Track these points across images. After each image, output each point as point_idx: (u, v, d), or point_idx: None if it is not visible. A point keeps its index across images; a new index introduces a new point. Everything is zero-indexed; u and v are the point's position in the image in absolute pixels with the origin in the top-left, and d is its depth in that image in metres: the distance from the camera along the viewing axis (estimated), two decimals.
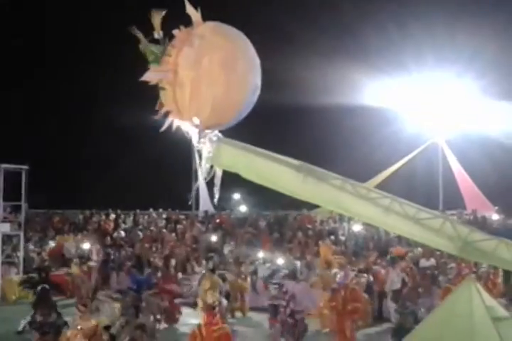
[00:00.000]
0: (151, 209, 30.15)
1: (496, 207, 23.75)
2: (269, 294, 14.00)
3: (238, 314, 17.62)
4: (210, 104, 4.73)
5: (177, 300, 17.10)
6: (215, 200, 5.20)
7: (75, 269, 20.64)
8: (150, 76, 4.84)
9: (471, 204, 24.69)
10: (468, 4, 25.68)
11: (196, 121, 4.83)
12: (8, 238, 22.21)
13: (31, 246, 24.20)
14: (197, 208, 31.17)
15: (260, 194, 19.26)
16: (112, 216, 28.81)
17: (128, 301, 12.82)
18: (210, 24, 4.91)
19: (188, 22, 4.95)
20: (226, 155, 4.97)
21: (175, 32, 4.81)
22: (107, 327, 10.06)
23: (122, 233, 26.07)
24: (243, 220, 26.56)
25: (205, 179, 5.09)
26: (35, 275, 17.57)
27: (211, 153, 4.92)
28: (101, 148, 34.71)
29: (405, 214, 4.50)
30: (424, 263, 17.93)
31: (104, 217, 28.88)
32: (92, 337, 9.45)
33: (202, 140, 4.97)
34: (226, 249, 22.26)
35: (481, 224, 21.40)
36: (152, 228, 26.61)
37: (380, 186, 25.47)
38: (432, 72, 25.45)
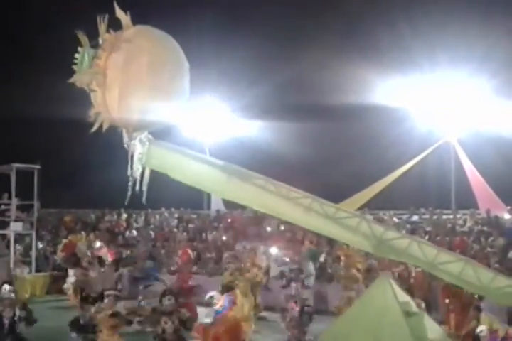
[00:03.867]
0: (162, 209, 30.20)
1: (509, 207, 23.63)
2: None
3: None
4: (138, 108, 4.79)
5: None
6: (143, 200, 5.35)
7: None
8: (80, 78, 4.92)
9: (483, 203, 24.57)
10: (481, 3, 25.54)
11: (124, 123, 4.97)
12: (20, 237, 22.38)
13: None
14: (209, 207, 31.21)
15: None
16: (124, 215, 28.92)
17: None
18: (139, 28, 4.97)
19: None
20: (155, 157, 5.12)
21: (105, 35, 4.87)
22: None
23: (134, 232, 26.15)
24: (255, 219, 26.49)
25: (133, 178, 5.22)
26: None
27: (141, 154, 5.09)
28: (113, 147, 34.76)
29: (325, 214, 4.67)
30: None
31: (116, 216, 29.01)
32: None
33: (132, 142, 5.12)
34: (238, 248, 22.25)
35: (494, 223, 21.32)
36: (164, 227, 26.70)
37: (393, 185, 25.44)
38: (444, 71, 25.35)
